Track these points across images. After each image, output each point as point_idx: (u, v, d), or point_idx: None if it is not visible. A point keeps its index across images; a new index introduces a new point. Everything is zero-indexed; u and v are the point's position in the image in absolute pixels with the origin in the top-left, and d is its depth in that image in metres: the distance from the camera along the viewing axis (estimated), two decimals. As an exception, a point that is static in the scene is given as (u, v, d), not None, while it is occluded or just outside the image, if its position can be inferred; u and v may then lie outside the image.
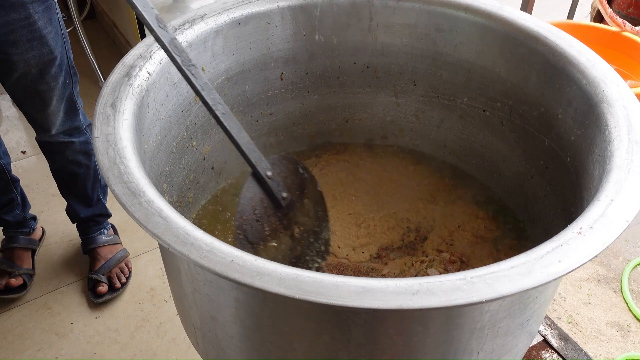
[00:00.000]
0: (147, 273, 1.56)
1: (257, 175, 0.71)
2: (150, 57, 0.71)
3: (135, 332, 1.41)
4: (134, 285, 1.53)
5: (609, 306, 1.64)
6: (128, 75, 0.67)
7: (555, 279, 0.46)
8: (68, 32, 2.23)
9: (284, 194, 0.74)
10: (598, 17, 2.44)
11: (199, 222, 0.88)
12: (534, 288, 0.46)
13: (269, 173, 0.72)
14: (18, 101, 1.32)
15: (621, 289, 1.67)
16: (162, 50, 0.66)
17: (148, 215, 0.51)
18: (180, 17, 0.78)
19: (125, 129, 0.60)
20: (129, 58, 0.70)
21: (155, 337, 1.40)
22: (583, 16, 2.61)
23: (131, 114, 0.63)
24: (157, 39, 0.64)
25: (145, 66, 0.69)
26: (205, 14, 0.79)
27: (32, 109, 1.32)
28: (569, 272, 0.47)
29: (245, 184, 0.72)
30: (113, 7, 2.58)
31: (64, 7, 2.41)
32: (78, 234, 1.59)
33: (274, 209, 0.74)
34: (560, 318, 1.64)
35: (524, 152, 0.84)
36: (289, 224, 0.76)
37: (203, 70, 0.81)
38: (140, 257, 1.61)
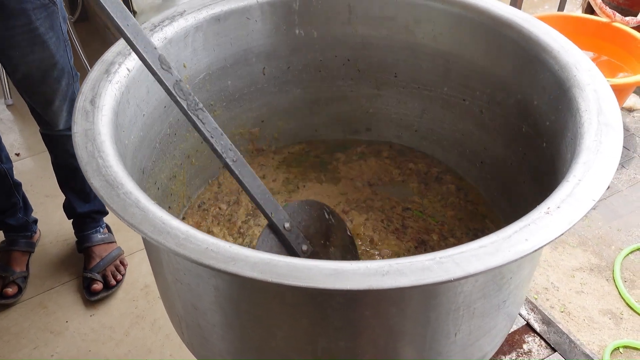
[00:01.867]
0: (141, 270, 1.57)
1: (273, 227, 0.67)
2: (130, 53, 0.72)
3: (129, 328, 1.43)
4: (128, 282, 1.54)
5: (602, 294, 1.65)
6: (107, 72, 0.68)
7: (522, 257, 0.47)
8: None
9: (304, 247, 0.70)
10: (589, 9, 2.45)
11: (185, 217, 0.89)
12: (501, 266, 0.47)
13: (287, 225, 0.68)
14: (25, 98, 1.36)
15: (613, 278, 1.69)
16: (166, 93, 0.62)
17: (125, 207, 0.52)
18: (160, 15, 0.79)
19: (104, 124, 0.62)
20: (108, 55, 0.71)
21: (150, 333, 1.42)
22: (575, 8, 2.63)
23: (110, 109, 0.64)
24: (160, 82, 0.60)
25: (124, 63, 0.70)
26: (185, 11, 0.80)
27: (37, 106, 1.36)
28: (535, 250, 0.48)
29: (260, 236, 0.68)
30: (104, 9, 2.59)
31: (55, 10, 2.42)
32: (73, 233, 1.60)
33: None
34: (553, 307, 1.66)
35: (503, 139, 0.85)
36: None
37: (184, 66, 0.82)
38: (135, 255, 1.62)
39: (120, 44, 0.73)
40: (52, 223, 1.72)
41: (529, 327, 0.80)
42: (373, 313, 0.54)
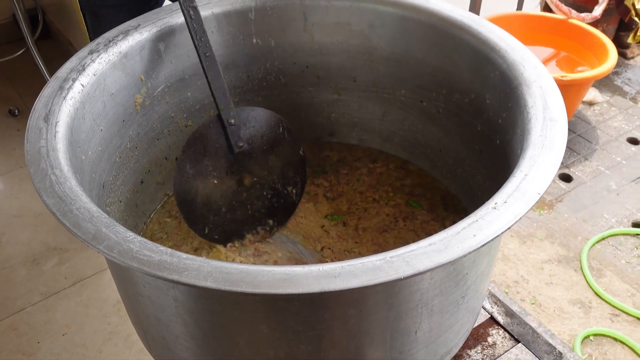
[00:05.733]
0: (112, 287, 1.56)
1: (220, 118, 0.79)
2: (84, 69, 0.72)
3: (102, 345, 1.41)
4: (100, 299, 1.53)
5: (570, 285, 1.69)
6: (61, 88, 0.68)
7: (470, 252, 0.49)
8: (21, 53, 2.22)
9: (240, 143, 0.81)
10: (547, 7, 2.51)
11: (149, 231, 0.89)
12: (449, 262, 0.48)
13: (232, 120, 0.80)
14: None
15: (581, 268, 1.73)
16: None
17: (79, 222, 0.52)
18: (114, 29, 0.79)
19: (57, 140, 0.62)
20: (62, 72, 0.71)
21: (124, 348, 1.41)
22: (532, 7, 2.69)
23: (64, 125, 0.64)
24: None
25: (78, 79, 0.70)
26: (139, 24, 0.80)
27: None
28: (483, 245, 0.49)
29: (207, 120, 0.80)
30: (68, 26, 2.57)
31: (16, 27, 2.39)
32: (41, 252, 1.58)
33: (226, 151, 0.81)
34: (524, 300, 1.69)
35: (460, 138, 0.87)
36: (239, 170, 0.83)
37: (142, 80, 0.82)
38: (106, 271, 1.61)
39: (74, 60, 0.73)
40: (20, 243, 1.70)
41: (492, 320, 0.82)
42: (331, 315, 0.54)
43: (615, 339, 1.50)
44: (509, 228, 0.50)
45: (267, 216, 0.86)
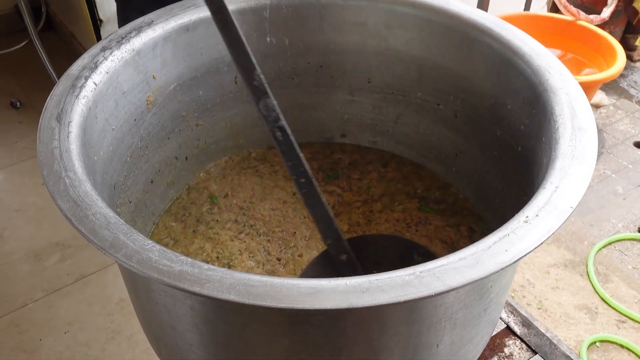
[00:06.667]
0: (116, 284, 1.54)
1: (330, 255, 0.63)
2: (96, 67, 0.70)
3: (106, 344, 1.40)
4: (103, 296, 1.51)
5: (577, 289, 1.67)
6: (73, 86, 0.66)
7: (502, 269, 0.47)
8: (23, 45, 2.19)
9: None
10: (554, 8, 2.49)
11: (158, 232, 0.87)
12: (482, 279, 0.46)
13: (344, 257, 0.63)
14: None
15: (587, 272, 1.71)
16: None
17: (95, 229, 0.50)
18: (127, 25, 0.77)
19: (71, 141, 0.60)
20: (73, 69, 0.69)
21: (127, 348, 1.39)
22: (540, 7, 2.67)
23: (77, 125, 0.62)
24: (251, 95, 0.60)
25: (91, 77, 0.68)
26: (152, 21, 0.78)
27: None
28: (516, 261, 0.48)
29: (313, 260, 0.64)
30: (71, 18, 2.54)
31: (19, 18, 2.37)
32: (43, 247, 1.56)
33: None
34: (530, 304, 1.67)
35: (478, 143, 0.85)
36: None
37: (154, 77, 0.80)
38: (109, 268, 1.59)
39: (85, 57, 0.71)
40: (22, 239, 1.68)
41: (509, 330, 0.80)
42: (354, 330, 0.53)
43: (622, 346, 1.49)
44: (542, 243, 0.49)
45: None
